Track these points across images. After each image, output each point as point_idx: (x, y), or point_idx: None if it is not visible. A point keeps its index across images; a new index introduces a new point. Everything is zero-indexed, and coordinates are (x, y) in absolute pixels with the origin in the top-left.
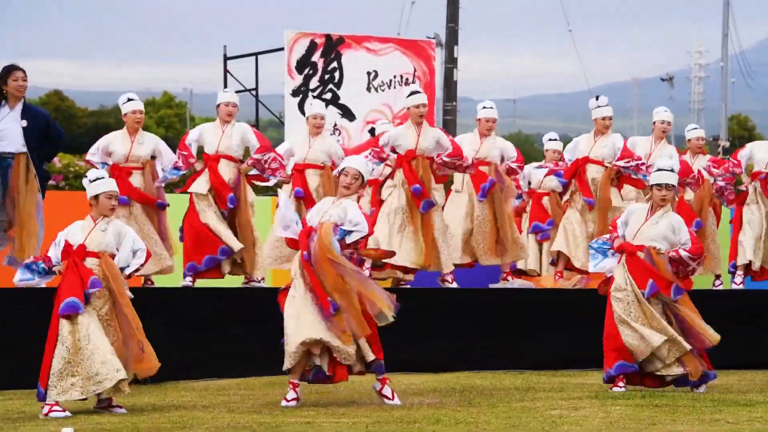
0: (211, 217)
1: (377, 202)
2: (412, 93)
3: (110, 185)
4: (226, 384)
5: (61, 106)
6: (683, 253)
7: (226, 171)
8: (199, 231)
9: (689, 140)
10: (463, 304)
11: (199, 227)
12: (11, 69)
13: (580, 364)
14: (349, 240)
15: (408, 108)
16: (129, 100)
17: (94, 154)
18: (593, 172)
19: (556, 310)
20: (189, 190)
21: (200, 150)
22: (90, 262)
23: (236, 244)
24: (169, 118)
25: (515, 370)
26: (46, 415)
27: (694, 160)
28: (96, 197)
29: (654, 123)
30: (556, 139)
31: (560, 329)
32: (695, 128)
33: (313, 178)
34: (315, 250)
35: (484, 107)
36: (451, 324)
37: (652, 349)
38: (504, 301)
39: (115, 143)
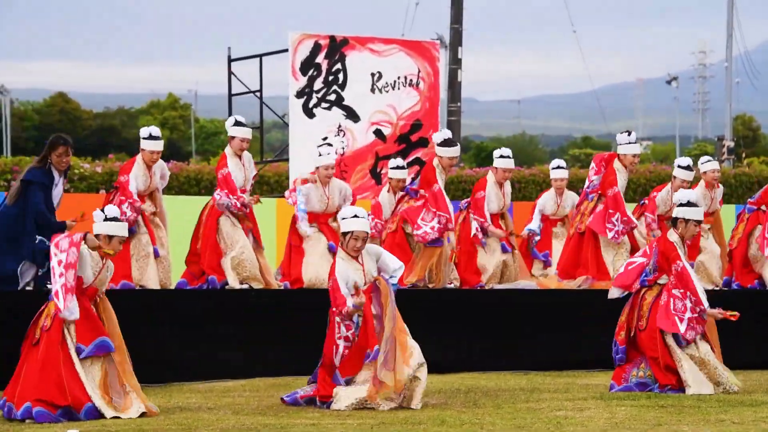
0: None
1: (401, 235)
2: (448, 142)
3: (125, 231)
4: (231, 386)
5: (66, 108)
6: None
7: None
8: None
9: (704, 173)
10: (468, 305)
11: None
12: (55, 144)
13: (586, 365)
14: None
15: (441, 157)
16: (151, 136)
17: (132, 183)
18: None
19: (561, 311)
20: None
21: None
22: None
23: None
24: (173, 119)
25: (520, 371)
26: None
27: (710, 192)
28: (110, 237)
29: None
30: (562, 167)
31: (565, 330)
32: (710, 161)
33: (333, 224)
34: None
35: (501, 156)
36: (456, 325)
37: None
38: (509, 302)
39: (139, 178)
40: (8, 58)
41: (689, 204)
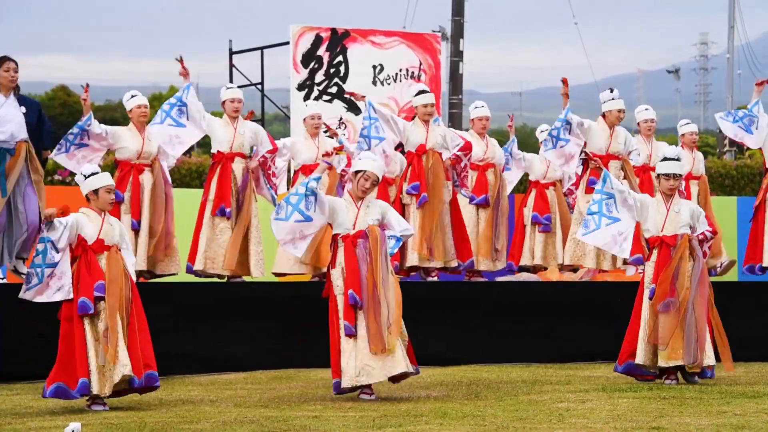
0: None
1: (398, 206)
2: (421, 92)
3: (109, 179)
4: (233, 378)
5: (68, 101)
6: (708, 234)
7: (237, 169)
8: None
9: (683, 135)
10: (470, 297)
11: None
12: (2, 60)
13: (587, 357)
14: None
15: (416, 107)
16: (132, 96)
17: (101, 134)
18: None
19: (562, 303)
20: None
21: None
22: (101, 258)
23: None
24: None
25: (522, 363)
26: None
27: (691, 153)
28: (96, 192)
29: (638, 123)
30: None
31: (566, 322)
32: (688, 123)
33: (323, 177)
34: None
35: (476, 107)
36: (458, 317)
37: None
38: (510, 294)
39: (125, 139)
40: (9, 52)
41: (663, 158)
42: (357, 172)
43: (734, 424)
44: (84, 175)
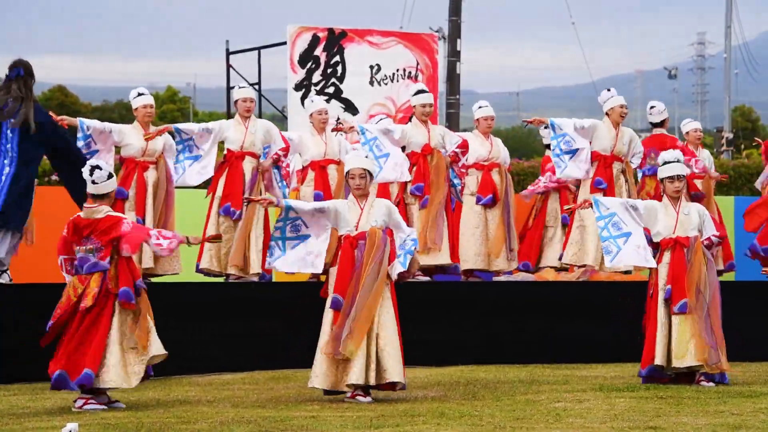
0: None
1: (402, 207)
2: (419, 92)
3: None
4: (231, 379)
5: (65, 101)
6: (714, 239)
7: (247, 168)
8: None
9: (687, 133)
10: (467, 297)
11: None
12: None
13: (585, 357)
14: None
15: (414, 106)
16: (140, 94)
17: (104, 132)
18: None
19: (560, 303)
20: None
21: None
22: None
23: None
24: (172, 113)
25: (519, 363)
26: (81, 407)
27: (696, 152)
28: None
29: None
30: None
31: (564, 322)
32: (690, 121)
33: (333, 173)
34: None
35: (480, 107)
36: (455, 317)
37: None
38: (507, 294)
39: (130, 136)
40: (7, 52)
41: (664, 162)
42: (346, 175)
43: (731, 424)
44: (108, 173)
